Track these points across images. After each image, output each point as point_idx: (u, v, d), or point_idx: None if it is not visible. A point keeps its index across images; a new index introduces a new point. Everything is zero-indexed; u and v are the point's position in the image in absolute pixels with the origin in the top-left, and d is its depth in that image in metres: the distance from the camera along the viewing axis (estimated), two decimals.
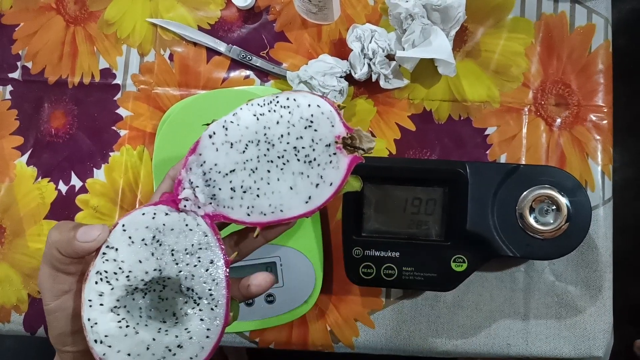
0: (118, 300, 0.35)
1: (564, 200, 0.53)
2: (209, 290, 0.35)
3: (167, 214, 0.36)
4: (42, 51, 0.68)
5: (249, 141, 0.37)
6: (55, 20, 0.68)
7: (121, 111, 0.66)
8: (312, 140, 0.36)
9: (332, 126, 0.37)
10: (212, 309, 0.35)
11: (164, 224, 0.35)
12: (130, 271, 0.35)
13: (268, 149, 0.37)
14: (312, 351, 0.62)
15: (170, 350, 0.35)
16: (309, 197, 0.37)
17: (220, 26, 0.67)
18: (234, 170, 0.37)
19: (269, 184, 0.37)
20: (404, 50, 0.61)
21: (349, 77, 0.63)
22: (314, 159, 0.36)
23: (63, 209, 0.64)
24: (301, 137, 0.36)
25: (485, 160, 0.62)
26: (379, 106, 0.64)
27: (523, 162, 0.62)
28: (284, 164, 0.37)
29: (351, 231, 0.56)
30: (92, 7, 0.68)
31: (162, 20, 0.67)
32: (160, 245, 0.35)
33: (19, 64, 0.68)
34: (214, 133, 0.37)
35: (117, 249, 0.35)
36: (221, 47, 0.65)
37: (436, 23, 0.61)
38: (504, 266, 0.61)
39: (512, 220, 0.54)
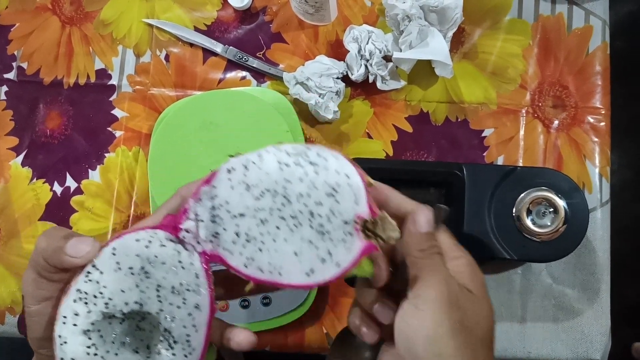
0: (92, 324, 0.33)
1: (561, 203, 0.53)
2: (187, 335, 0.34)
3: (162, 245, 0.34)
4: (37, 52, 0.68)
5: (267, 189, 0.34)
6: (51, 21, 0.68)
7: (117, 112, 0.65)
8: (331, 211, 0.33)
9: (356, 204, 0.33)
10: (185, 355, 0.34)
11: (155, 256, 0.33)
12: (110, 298, 0.33)
13: (283, 204, 0.34)
14: (308, 353, 0.61)
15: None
16: (312, 270, 0.34)
17: (216, 27, 0.66)
18: (243, 215, 0.34)
19: (274, 241, 0.34)
20: (401, 51, 0.60)
21: (345, 79, 0.62)
22: (328, 232, 0.33)
23: (58, 210, 0.64)
24: (320, 204, 0.33)
25: (482, 162, 0.62)
26: (375, 107, 0.64)
27: (520, 164, 0.62)
28: (295, 225, 0.34)
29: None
30: (88, 7, 0.68)
31: (158, 21, 0.66)
32: (147, 277, 0.33)
33: (14, 64, 0.68)
34: (233, 169, 0.34)
35: (102, 272, 0.33)
36: (217, 47, 0.65)
37: (433, 24, 0.60)
38: (501, 269, 0.60)
39: (509, 222, 0.54)
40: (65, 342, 0.32)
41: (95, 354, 0.33)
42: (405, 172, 0.55)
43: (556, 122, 0.62)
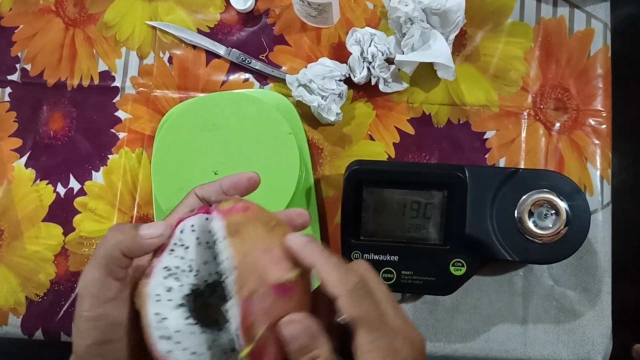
0: (184, 297, 0.34)
1: (563, 205, 0.53)
2: None
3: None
4: (41, 53, 0.68)
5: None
6: (54, 23, 0.68)
7: (120, 114, 0.66)
8: None
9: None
10: None
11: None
12: (198, 270, 0.35)
13: None
14: None
15: (225, 353, 0.34)
16: None
17: (219, 29, 0.67)
18: None
19: None
20: (403, 54, 0.61)
21: (348, 81, 0.63)
22: None
23: (61, 211, 0.64)
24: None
25: (484, 164, 0.62)
26: (378, 110, 0.64)
27: (522, 166, 0.62)
28: None
29: (349, 235, 0.56)
30: (92, 9, 0.68)
31: (162, 23, 0.67)
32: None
33: (18, 66, 0.68)
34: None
35: (187, 247, 0.35)
36: (220, 50, 0.65)
37: (435, 27, 0.61)
38: (502, 270, 0.61)
39: (511, 224, 0.54)
40: (165, 318, 0.33)
41: (196, 324, 0.34)
42: (407, 174, 0.55)
43: (558, 124, 0.63)
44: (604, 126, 0.62)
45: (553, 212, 0.53)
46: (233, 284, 0.31)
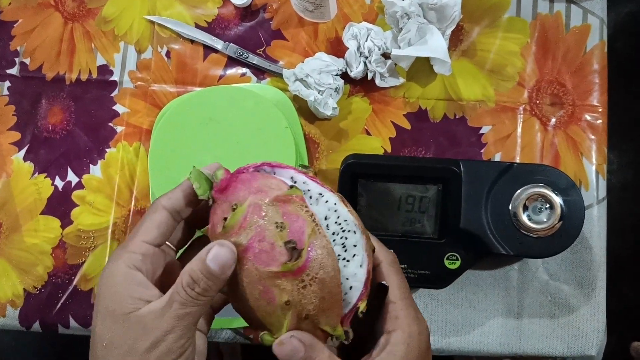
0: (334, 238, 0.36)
1: (557, 199, 0.53)
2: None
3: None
4: (40, 47, 0.68)
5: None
6: (53, 17, 0.69)
7: (118, 108, 0.66)
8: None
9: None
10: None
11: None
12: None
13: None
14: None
15: (347, 279, 0.36)
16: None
17: (217, 24, 0.67)
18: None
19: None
20: (399, 48, 0.61)
21: (345, 76, 0.63)
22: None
23: (59, 204, 0.65)
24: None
25: (480, 159, 0.62)
26: (374, 104, 0.64)
27: (517, 161, 0.62)
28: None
29: None
30: (90, 4, 0.69)
31: (160, 18, 0.67)
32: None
33: (17, 60, 0.68)
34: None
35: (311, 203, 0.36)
36: (218, 44, 0.66)
37: (432, 22, 0.61)
38: (498, 265, 0.61)
39: (505, 218, 0.54)
40: (348, 261, 0.36)
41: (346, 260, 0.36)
42: (402, 168, 0.55)
43: (553, 119, 0.63)
44: (599, 121, 0.62)
45: (547, 206, 0.53)
46: (360, 239, 0.36)
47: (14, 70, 0.68)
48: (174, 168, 0.57)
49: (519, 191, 0.54)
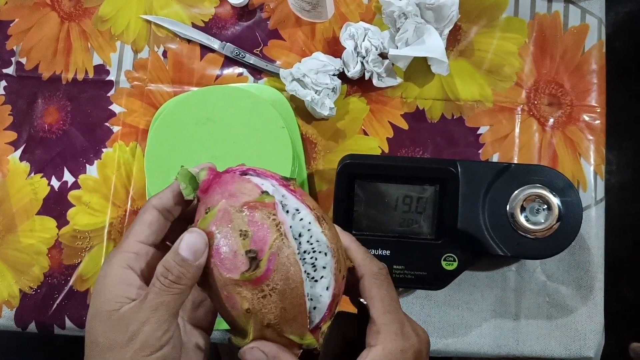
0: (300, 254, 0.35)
1: (555, 200, 0.53)
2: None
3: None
4: (36, 47, 0.68)
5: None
6: (49, 17, 0.69)
7: (114, 107, 0.66)
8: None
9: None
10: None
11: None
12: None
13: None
14: (304, 348, 0.61)
15: (311, 300, 0.35)
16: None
17: (214, 23, 0.67)
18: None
19: None
20: (397, 48, 0.61)
21: (342, 75, 0.63)
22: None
23: (55, 204, 0.64)
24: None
25: (478, 160, 0.62)
26: (372, 104, 0.64)
27: (515, 162, 0.62)
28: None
29: (342, 229, 0.56)
30: (87, 3, 0.68)
31: (157, 17, 0.67)
32: None
33: (13, 59, 0.68)
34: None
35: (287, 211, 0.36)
36: (215, 44, 0.65)
37: (430, 22, 0.61)
38: (495, 266, 0.61)
39: (503, 219, 0.54)
40: (313, 278, 0.35)
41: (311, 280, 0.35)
42: (399, 169, 0.55)
43: (551, 120, 0.63)
44: (598, 122, 0.62)
45: (545, 207, 0.53)
46: (330, 262, 0.35)
47: (10, 70, 0.68)
48: (170, 168, 0.57)
49: (516, 192, 0.54)
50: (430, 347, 0.39)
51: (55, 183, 0.65)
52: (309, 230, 0.35)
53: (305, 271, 0.34)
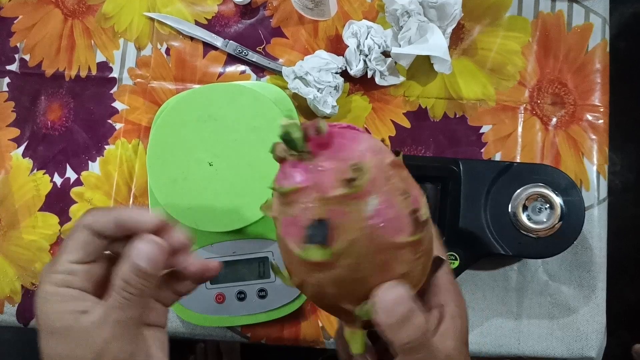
0: None
1: (557, 199, 0.53)
2: None
3: None
4: (39, 44, 0.68)
5: None
6: (53, 14, 0.69)
7: (117, 104, 0.66)
8: None
9: None
10: None
11: None
12: None
13: None
14: (304, 346, 0.62)
15: None
16: None
17: (217, 21, 0.67)
18: None
19: None
20: (400, 47, 0.61)
21: (344, 74, 0.63)
22: None
23: (58, 201, 0.64)
24: None
25: (480, 159, 0.62)
26: (374, 103, 0.64)
27: (518, 161, 0.62)
28: None
29: None
30: (90, 1, 0.69)
31: (160, 15, 0.67)
32: None
33: (16, 56, 0.68)
34: None
35: None
36: (218, 42, 0.66)
37: (432, 20, 0.60)
38: (497, 265, 0.60)
39: (505, 218, 0.54)
40: None
41: None
42: None
43: (554, 119, 0.62)
44: (601, 121, 0.62)
45: (547, 206, 0.53)
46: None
47: (13, 67, 0.68)
48: (172, 165, 0.57)
49: (518, 191, 0.54)
50: None
51: (58, 180, 0.65)
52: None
53: None
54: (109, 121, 0.66)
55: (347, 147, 0.31)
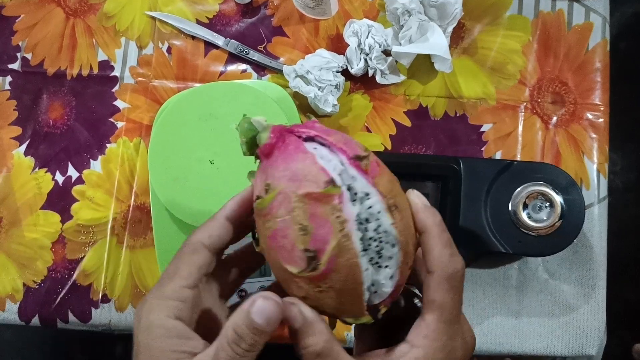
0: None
1: (557, 198, 0.53)
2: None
3: None
4: (41, 43, 0.68)
5: None
6: (55, 13, 0.69)
7: (119, 103, 0.66)
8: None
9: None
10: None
11: None
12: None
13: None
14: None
15: (373, 285, 0.33)
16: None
17: (218, 20, 0.67)
18: None
19: None
20: (400, 45, 0.61)
21: (345, 72, 0.63)
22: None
23: (59, 199, 0.65)
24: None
25: (481, 157, 0.62)
26: (375, 102, 0.64)
27: (518, 160, 0.62)
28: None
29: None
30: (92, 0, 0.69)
31: (161, 14, 0.67)
32: None
33: (18, 55, 0.68)
34: None
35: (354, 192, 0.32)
36: (219, 40, 0.66)
37: (433, 19, 0.61)
38: (497, 263, 0.61)
39: (505, 216, 0.54)
40: (367, 269, 0.32)
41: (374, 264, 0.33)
42: (401, 166, 0.55)
43: (555, 118, 0.62)
44: (601, 120, 0.62)
45: (547, 204, 0.53)
46: (397, 254, 0.32)
47: (15, 65, 0.68)
48: (173, 164, 0.57)
49: (519, 189, 0.54)
50: (472, 351, 0.36)
51: (60, 178, 0.65)
52: (377, 219, 0.31)
53: (369, 259, 0.31)
54: (111, 120, 0.66)
55: (276, 164, 0.32)
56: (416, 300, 0.38)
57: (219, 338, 0.31)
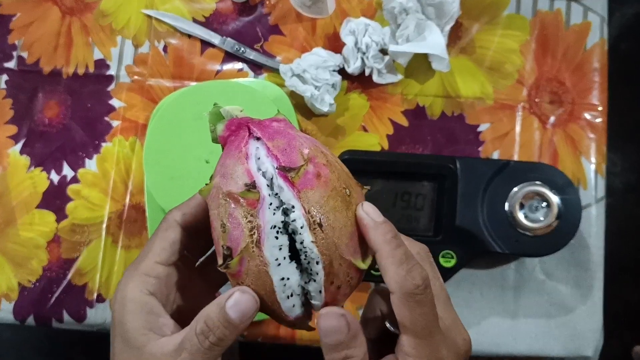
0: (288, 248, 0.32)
1: (554, 198, 0.53)
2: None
3: None
4: (37, 41, 0.68)
5: None
6: (51, 11, 0.69)
7: (114, 102, 0.66)
8: None
9: None
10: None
11: None
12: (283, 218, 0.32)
13: None
14: (301, 345, 0.61)
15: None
16: None
17: (214, 18, 0.67)
18: None
19: None
20: (398, 44, 0.60)
21: (342, 71, 0.62)
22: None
23: (55, 198, 0.64)
24: None
25: (478, 157, 0.62)
26: (372, 101, 0.64)
27: (515, 159, 0.61)
28: None
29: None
30: None
31: (157, 12, 0.67)
32: None
33: (14, 53, 0.68)
34: None
35: (273, 199, 0.31)
36: (215, 39, 0.65)
37: (431, 18, 0.60)
38: (494, 263, 0.60)
39: (501, 216, 0.54)
40: (288, 279, 0.31)
41: (300, 273, 0.32)
42: (397, 165, 0.55)
43: (552, 118, 0.62)
44: (599, 120, 0.62)
45: (544, 204, 0.53)
46: (320, 272, 0.31)
47: (11, 64, 0.68)
48: (168, 163, 0.57)
49: (515, 189, 0.54)
50: (468, 354, 0.34)
51: (55, 177, 0.65)
52: (300, 234, 0.30)
53: (300, 268, 0.31)
54: (106, 118, 0.66)
55: (222, 156, 0.33)
56: (387, 324, 0.36)
57: (189, 327, 0.31)
